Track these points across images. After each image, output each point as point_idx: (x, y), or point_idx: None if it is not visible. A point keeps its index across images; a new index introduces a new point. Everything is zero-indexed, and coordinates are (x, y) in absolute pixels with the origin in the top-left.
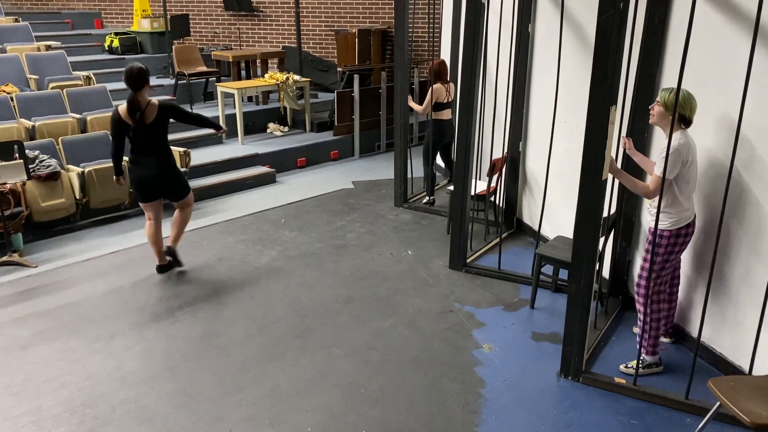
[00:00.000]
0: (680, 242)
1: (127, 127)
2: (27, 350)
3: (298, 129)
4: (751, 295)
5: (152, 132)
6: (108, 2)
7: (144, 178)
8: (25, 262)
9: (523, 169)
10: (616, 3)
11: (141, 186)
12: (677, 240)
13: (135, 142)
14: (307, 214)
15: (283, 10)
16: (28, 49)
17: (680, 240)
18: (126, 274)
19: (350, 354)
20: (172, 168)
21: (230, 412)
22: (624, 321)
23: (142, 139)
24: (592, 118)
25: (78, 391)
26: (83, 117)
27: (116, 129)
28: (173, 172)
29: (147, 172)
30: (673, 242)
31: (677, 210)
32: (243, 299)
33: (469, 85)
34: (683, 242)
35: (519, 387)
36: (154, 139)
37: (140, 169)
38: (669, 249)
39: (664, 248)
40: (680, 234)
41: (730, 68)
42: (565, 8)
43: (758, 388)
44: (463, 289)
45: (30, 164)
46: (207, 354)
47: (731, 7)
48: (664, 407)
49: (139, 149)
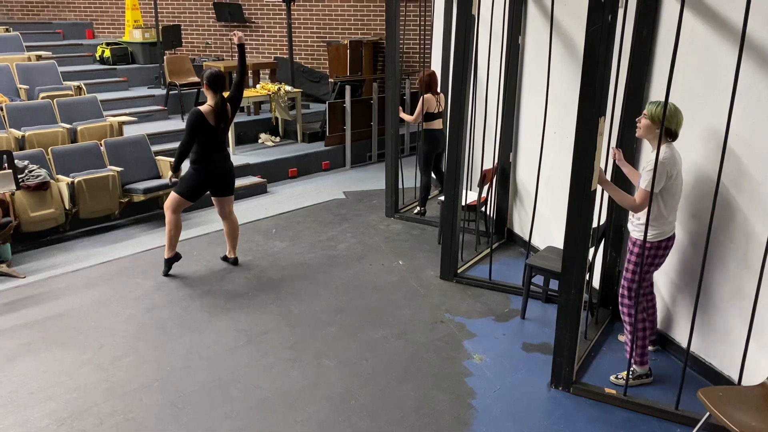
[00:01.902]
0: (660, 254)
1: (208, 128)
2: (14, 362)
3: (290, 139)
4: (740, 305)
5: (226, 129)
6: (99, 13)
7: (215, 174)
8: (13, 272)
9: (513, 179)
10: (604, 15)
11: (212, 182)
12: (657, 252)
13: (213, 141)
14: (298, 225)
15: (275, 21)
16: (19, 59)
17: (660, 252)
18: (115, 284)
19: (341, 365)
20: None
21: (219, 423)
22: (614, 331)
23: (220, 137)
24: (581, 130)
25: (65, 403)
26: (73, 127)
27: (196, 129)
28: (232, 166)
29: (219, 167)
30: (653, 254)
31: (660, 223)
32: (233, 310)
33: (459, 96)
34: (663, 255)
35: (510, 398)
36: (225, 136)
37: (213, 166)
38: (649, 261)
39: (647, 259)
40: (660, 246)
41: (718, 81)
42: (554, 21)
43: (747, 399)
44: (454, 300)
45: (19, 174)
46: (196, 365)
47: (719, 20)
48: (655, 418)
49: (215, 147)
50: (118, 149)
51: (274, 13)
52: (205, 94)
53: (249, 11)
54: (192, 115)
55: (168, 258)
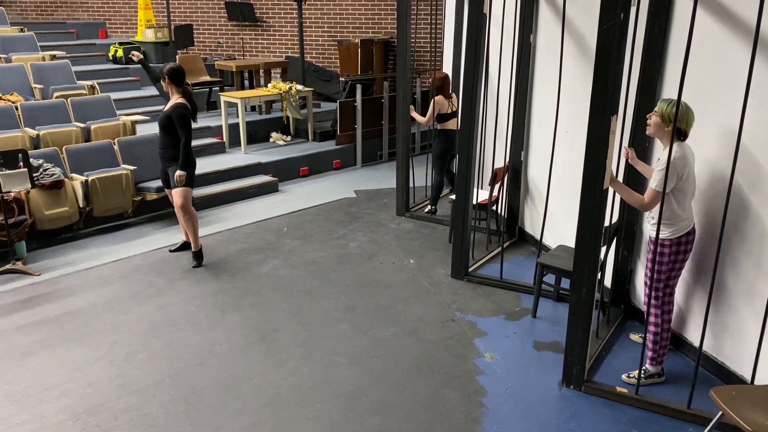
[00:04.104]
0: (682, 250)
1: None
2: (29, 358)
3: (301, 138)
4: (753, 304)
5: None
6: (112, 12)
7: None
8: (28, 270)
9: (524, 178)
10: (616, 13)
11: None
12: (679, 248)
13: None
14: (310, 223)
15: (286, 21)
16: (33, 59)
17: (682, 248)
18: (128, 282)
19: (352, 363)
20: None
21: (231, 420)
22: (626, 330)
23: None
24: (593, 128)
25: (80, 399)
26: (87, 126)
27: (189, 122)
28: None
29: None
30: (675, 250)
31: (675, 221)
32: (244, 308)
33: (471, 95)
34: (685, 250)
35: (521, 396)
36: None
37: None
38: (672, 257)
39: (668, 257)
40: (681, 242)
41: (731, 79)
42: (566, 19)
43: (760, 398)
44: (465, 298)
45: (34, 173)
46: (208, 362)
47: (732, 17)
48: (666, 417)
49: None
50: (131, 148)
51: (285, 12)
52: (168, 89)
53: (260, 10)
54: (184, 110)
55: (198, 250)
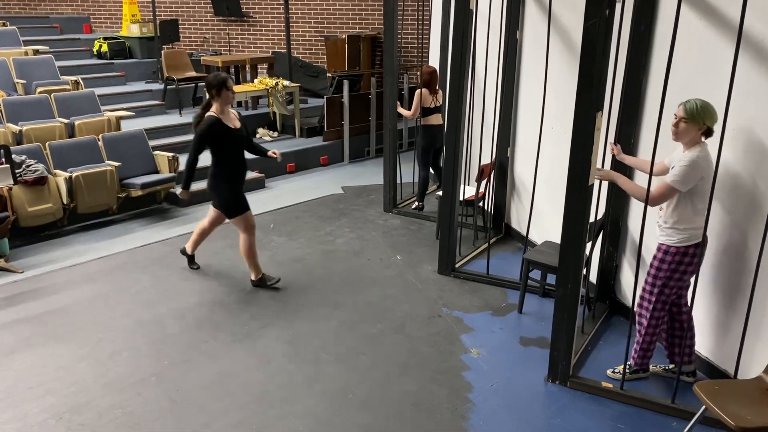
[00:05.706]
0: (687, 261)
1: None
2: (12, 356)
3: (288, 134)
4: (737, 300)
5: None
6: (97, 7)
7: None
8: (11, 267)
9: (511, 174)
10: (602, 9)
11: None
12: (683, 259)
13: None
14: (297, 220)
15: (272, 16)
16: (16, 54)
17: (687, 259)
18: (113, 279)
19: (338, 359)
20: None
21: (217, 417)
22: (611, 326)
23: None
24: (579, 124)
25: (64, 398)
26: (71, 122)
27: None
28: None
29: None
30: (678, 260)
31: (689, 227)
32: (230, 304)
33: (457, 91)
34: (690, 262)
35: (507, 391)
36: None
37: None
38: (673, 267)
39: (668, 265)
40: (687, 253)
41: (716, 75)
42: (552, 15)
43: (743, 392)
44: (452, 294)
45: (17, 169)
46: (194, 359)
47: (716, 14)
48: (651, 411)
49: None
50: (115, 144)
51: (272, 8)
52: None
53: (246, 5)
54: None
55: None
